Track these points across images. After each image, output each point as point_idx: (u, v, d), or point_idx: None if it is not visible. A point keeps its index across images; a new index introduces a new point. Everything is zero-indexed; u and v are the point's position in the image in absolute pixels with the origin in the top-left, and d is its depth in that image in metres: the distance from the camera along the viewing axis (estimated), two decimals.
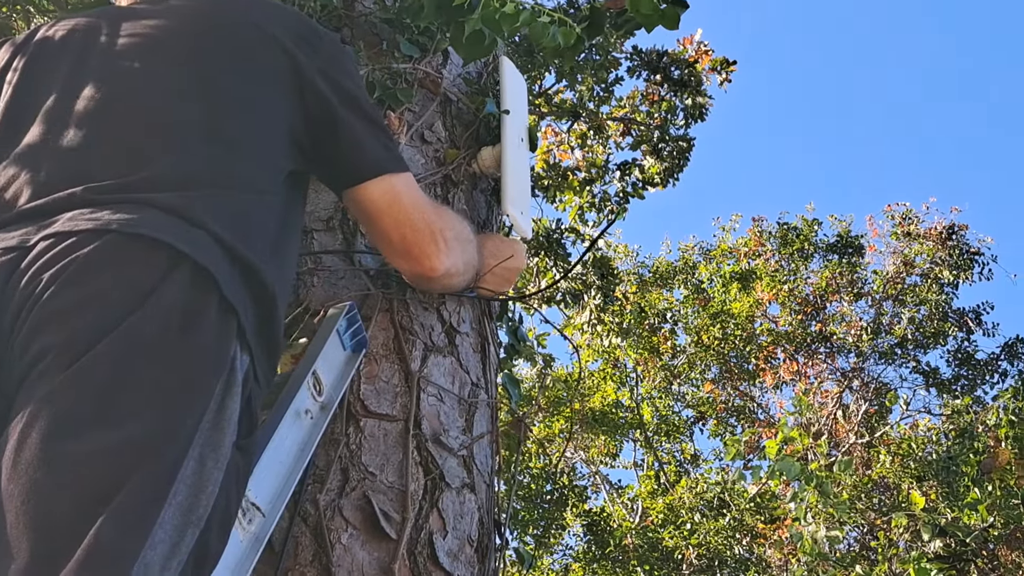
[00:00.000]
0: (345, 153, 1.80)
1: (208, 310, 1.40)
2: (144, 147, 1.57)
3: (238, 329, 1.44)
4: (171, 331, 1.34)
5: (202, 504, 1.32)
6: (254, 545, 1.66)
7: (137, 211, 1.43)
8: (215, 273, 1.42)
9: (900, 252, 16.96)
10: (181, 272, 1.39)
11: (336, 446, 2.05)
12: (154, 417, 1.28)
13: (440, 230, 1.97)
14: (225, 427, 1.38)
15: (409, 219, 1.90)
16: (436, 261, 1.98)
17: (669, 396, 17.48)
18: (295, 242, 1.80)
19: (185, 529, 1.28)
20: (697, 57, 7.53)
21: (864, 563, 11.98)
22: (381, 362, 2.22)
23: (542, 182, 7.30)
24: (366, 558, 1.94)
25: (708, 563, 14.05)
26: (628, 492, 16.93)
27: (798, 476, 9.70)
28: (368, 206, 1.87)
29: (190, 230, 1.45)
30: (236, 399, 1.42)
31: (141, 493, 1.23)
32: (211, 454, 1.34)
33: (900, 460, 14.00)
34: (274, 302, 1.55)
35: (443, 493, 2.12)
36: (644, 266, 17.49)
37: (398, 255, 1.97)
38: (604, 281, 8.46)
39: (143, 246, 1.39)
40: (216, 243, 1.46)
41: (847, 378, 16.71)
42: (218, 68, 1.69)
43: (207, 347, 1.38)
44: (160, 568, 1.24)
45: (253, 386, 1.50)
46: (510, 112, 2.68)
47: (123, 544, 1.19)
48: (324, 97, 1.75)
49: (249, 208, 1.59)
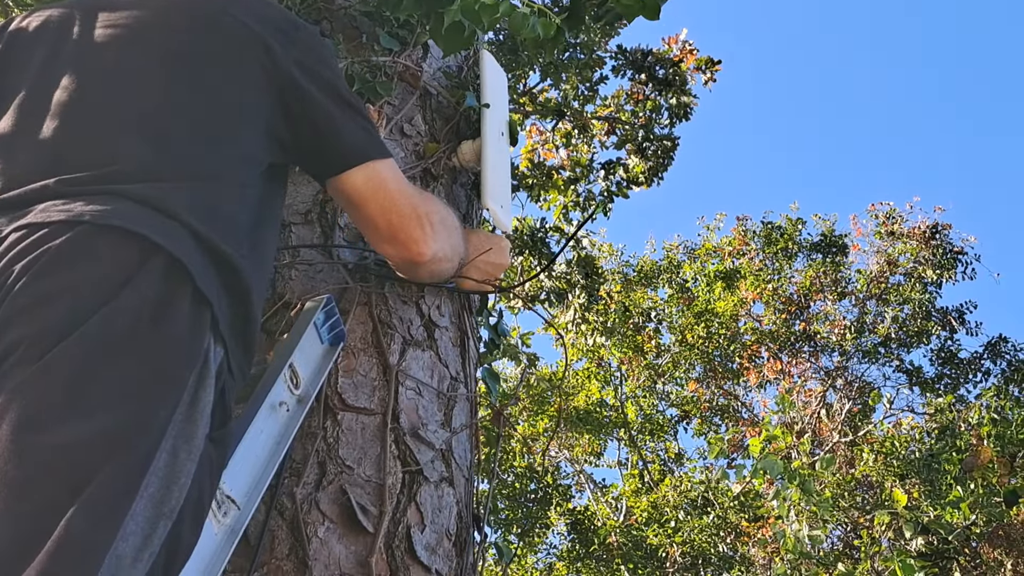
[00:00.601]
0: (327, 142, 1.79)
1: (181, 302, 1.38)
2: (118, 139, 1.55)
3: (212, 321, 1.43)
4: (143, 323, 1.33)
5: (174, 496, 1.31)
6: (229, 537, 1.66)
7: (110, 202, 1.42)
8: (188, 265, 1.40)
9: (884, 251, 17.00)
10: (154, 263, 1.37)
11: (313, 439, 2.04)
12: (126, 409, 1.27)
13: (426, 214, 1.96)
14: (198, 419, 1.37)
15: (395, 204, 1.89)
16: (424, 246, 1.97)
17: (653, 395, 17.50)
18: (273, 235, 1.79)
19: (157, 521, 1.27)
20: (682, 56, 7.53)
21: (847, 561, 12.00)
22: (359, 355, 2.21)
23: (527, 181, 7.30)
24: (343, 551, 1.93)
25: (692, 561, 14.08)
26: (612, 491, 16.95)
27: (781, 474, 9.71)
28: (353, 193, 1.86)
29: (164, 221, 1.43)
30: (209, 391, 1.40)
31: (113, 485, 1.21)
32: (184, 446, 1.33)
33: (883, 459, 14.04)
34: (248, 294, 1.54)
35: (421, 487, 2.12)
36: (628, 265, 17.51)
37: (385, 241, 1.96)
38: (588, 280, 8.47)
39: (116, 237, 1.37)
40: (190, 235, 1.45)
41: (831, 377, 16.74)
42: (194, 61, 1.68)
43: (180, 339, 1.37)
44: (132, 560, 1.23)
45: (227, 378, 1.49)
46: (490, 106, 2.67)
47: (94, 536, 1.18)
48: (303, 88, 1.74)
49: (225, 201, 1.58)
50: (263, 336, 2.14)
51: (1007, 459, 10.41)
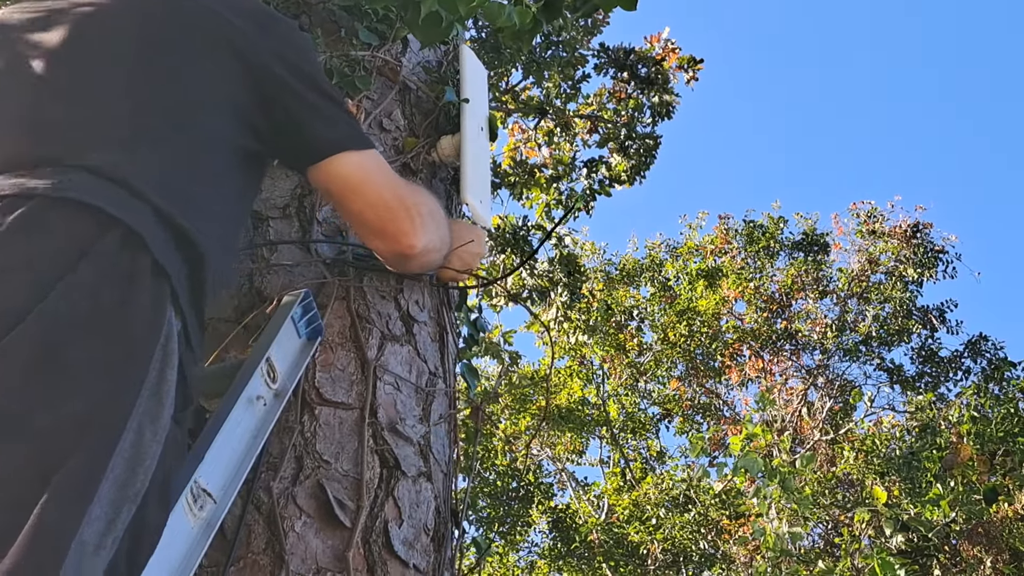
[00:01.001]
0: (306, 132, 1.78)
1: (142, 275, 1.35)
2: (76, 115, 1.53)
3: (171, 294, 1.40)
4: (104, 298, 1.30)
5: (139, 479, 1.28)
6: (205, 531, 1.64)
7: (65, 175, 1.39)
8: (146, 237, 1.37)
9: (865, 250, 17.07)
10: (111, 236, 1.34)
11: (290, 434, 2.03)
12: (91, 391, 1.24)
13: (415, 205, 1.95)
14: (164, 398, 1.34)
15: (383, 197, 1.88)
16: (414, 238, 1.96)
17: (635, 393, 17.53)
18: (241, 222, 1.77)
19: (121, 504, 1.24)
20: (664, 55, 7.53)
21: (828, 559, 12.04)
22: (337, 350, 2.20)
23: (509, 179, 7.29)
24: (320, 546, 1.92)
25: (673, 559, 14.10)
26: (594, 489, 16.97)
27: (762, 471, 9.73)
28: (339, 185, 1.84)
29: (120, 194, 1.40)
30: (174, 368, 1.38)
31: (80, 470, 1.19)
32: (149, 426, 1.30)
33: (863, 456, 14.09)
34: (205, 267, 1.51)
35: (399, 482, 2.11)
36: (611, 263, 17.55)
37: (374, 235, 1.95)
38: (571, 278, 8.47)
39: (71, 210, 1.35)
40: (148, 207, 1.42)
41: (812, 375, 16.80)
42: (164, 46, 1.66)
43: (143, 314, 1.34)
44: (95, 546, 1.20)
45: (185, 352, 1.45)
46: (470, 101, 2.67)
47: (63, 524, 1.16)
48: (281, 79, 1.73)
49: (186, 178, 1.55)
50: (242, 331, 2.13)
51: (987, 457, 10.46)
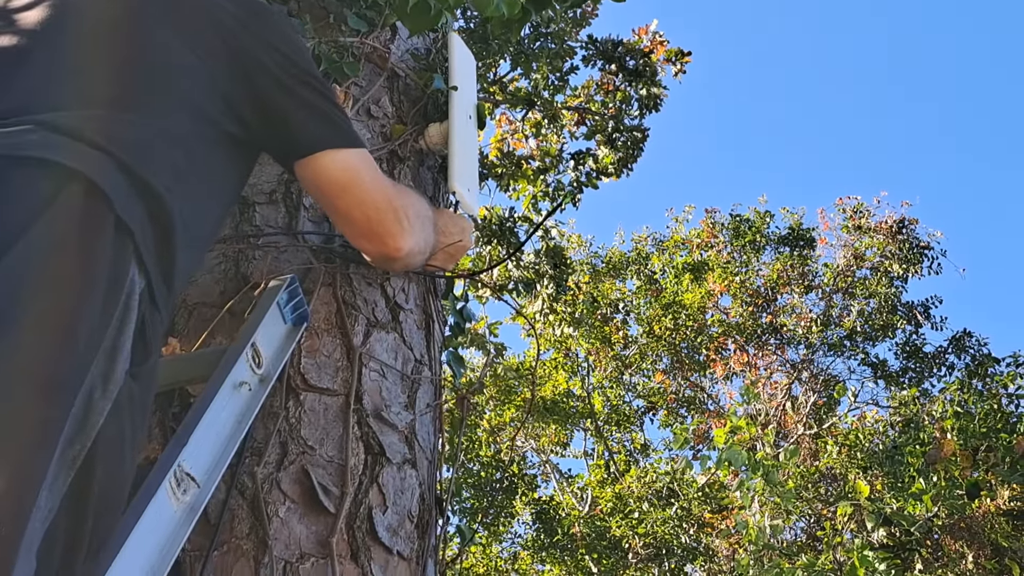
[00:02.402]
0: (296, 126, 1.77)
1: (103, 230, 1.33)
2: (44, 75, 1.51)
3: (134, 249, 1.38)
4: (63, 254, 1.28)
5: (85, 434, 1.26)
6: (188, 515, 1.64)
7: (25, 134, 1.37)
8: (108, 191, 1.35)
9: (851, 245, 17.11)
10: (72, 191, 1.32)
11: (275, 419, 2.03)
12: (49, 345, 1.22)
13: (403, 207, 1.95)
14: (119, 356, 1.32)
15: (371, 199, 1.88)
16: (401, 241, 1.96)
17: (620, 386, 17.56)
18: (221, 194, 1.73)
19: (60, 467, 1.22)
20: (652, 47, 7.52)
21: (810, 553, 12.08)
22: (323, 336, 2.20)
23: (496, 170, 7.29)
24: (304, 531, 1.92)
25: (655, 552, 14.13)
26: (578, 481, 17.00)
27: (745, 464, 9.76)
28: (327, 184, 1.83)
29: (82, 149, 1.38)
30: (131, 324, 1.36)
31: (37, 429, 1.17)
32: (100, 384, 1.28)
33: (847, 451, 14.14)
34: (171, 222, 1.47)
35: (384, 468, 2.11)
36: (597, 256, 17.56)
37: (362, 236, 1.95)
38: (557, 270, 8.47)
39: (31, 168, 1.32)
40: (111, 162, 1.39)
41: (796, 370, 16.85)
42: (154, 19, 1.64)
43: (102, 268, 1.31)
44: (43, 509, 1.18)
45: (148, 308, 1.42)
46: (458, 89, 2.66)
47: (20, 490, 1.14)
48: (271, 71, 1.72)
49: (152, 135, 1.52)
50: (227, 316, 2.13)
51: (970, 452, 10.50)
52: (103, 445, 1.30)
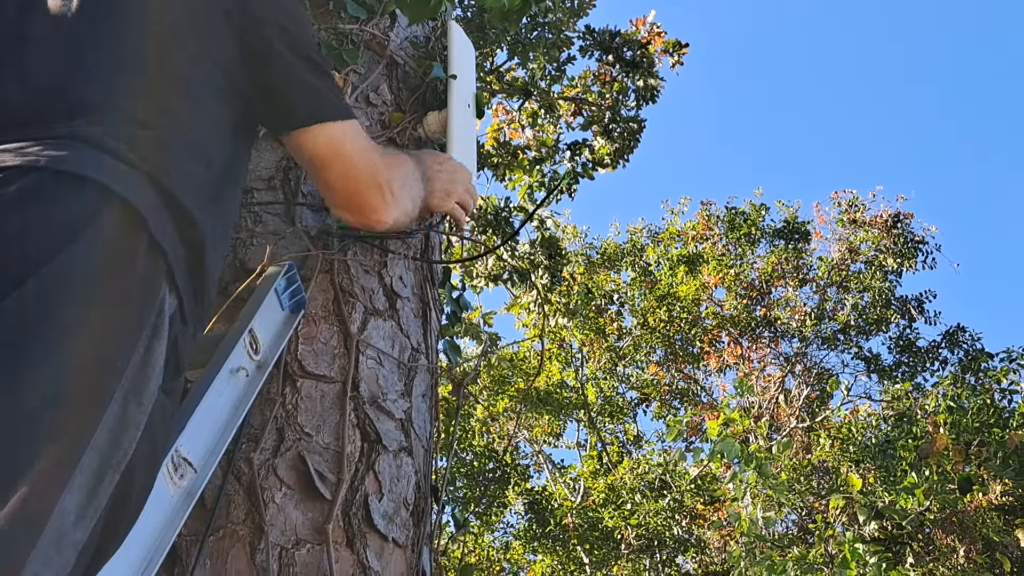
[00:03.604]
0: (290, 99, 1.77)
1: (137, 250, 1.35)
2: (78, 83, 1.51)
3: (167, 270, 1.40)
4: (99, 271, 1.29)
5: (123, 448, 1.28)
6: (185, 500, 1.64)
7: (66, 147, 1.38)
8: (144, 212, 1.37)
9: (845, 239, 17.12)
10: (110, 211, 1.33)
11: (272, 406, 2.03)
12: (80, 359, 1.24)
13: (387, 182, 1.94)
14: (151, 371, 1.34)
15: (354, 172, 1.87)
16: (384, 215, 1.95)
17: (614, 377, 17.56)
18: (235, 193, 1.75)
19: (103, 474, 1.24)
20: (650, 39, 7.52)
21: (802, 546, 12.10)
22: (320, 323, 2.20)
23: (492, 160, 7.28)
24: (300, 518, 1.93)
25: (647, 543, 14.15)
26: (570, 472, 17.01)
27: (738, 457, 9.77)
28: (313, 155, 1.83)
29: (121, 168, 1.40)
30: (163, 342, 1.38)
31: (64, 436, 1.19)
32: (134, 398, 1.30)
33: (839, 444, 14.16)
34: (203, 245, 1.51)
35: (380, 456, 2.11)
36: (592, 247, 17.55)
37: (344, 207, 1.94)
38: (552, 261, 8.46)
39: (71, 184, 1.33)
40: (148, 182, 1.42)
41: (790, 363, 16.86)
42: (158, 10, 1.65)
43: (135, 288, 1.34)
44: (76, 516, 1.20)
45: (179, 328, 1.45)
46: (457, 77, 2.66)
47: (43, 494, 1.15)
48: (274, 46, 1.72)
49: (186, 151, 1.54)
50: (223, 301, 2.13)
51: (962, 447, 10.53)
52: (140, 458, 1.33)
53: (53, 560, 1.17)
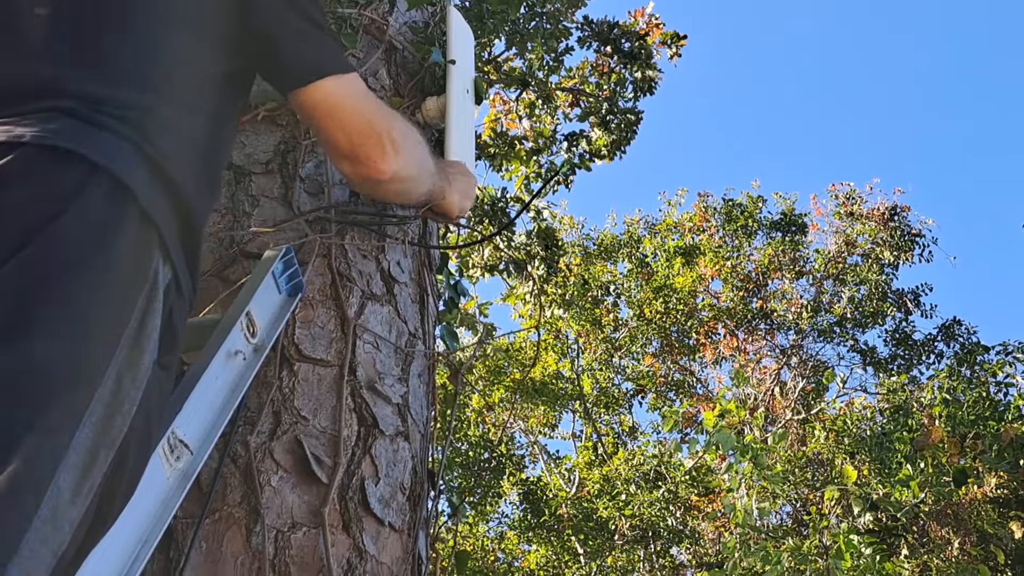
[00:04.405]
0: (292, 56, 1.77)
1: (127, 223, 1.34)
2: (63, 54, 1.49)
3: (159, 241, 1.39)
4: (89, 245, 1.28)
5: (117, 424, 1.27)
6: (181, 482, 1.64)
7: (52, 121, 1.36)
8: (132, 185, 1.36)
9: (842, 232, 17.14)
10: (97, 184, 1.32)
11: (268, 389, 2.03)
12: (72, 334, 1.23)
13: (387, 131, 1.92)
14: (145, 345, 1.33)
15: (353, 121, 1.87)
16: (383, 163, 1.93)
17: (610, 368, 17.57)
18: (225, 154, 1.75)
19: (98, 451, 1.23)
20: (648, 30, 7.52)
21: (797, 538, 12.13)
22: (317, 307, 2.19)
23: (489, 150, 7.27)
24: (296, 501, 1.92)
25: (642, 534, 14.18)
26: (566, 462, 17.03)
27: (734, 447, 9.78)
28: (313, 109, 1.83)
29: (108, 139, 1.39)
30: (158, 315, 1.37)
31: (58, 412, 1.18)
32: (128, 372, 1.29)
33: (834, 436, 14.18)
34: (194, 215, 1.50)
35: (376, 440, 2.11)
36: (589, 238, 17.56)
37: (344, 158, 1.93)
38: (548, 252, 8.46)
39: (57, 159, 1.32)
40: (135, 152, 1.40)
41: (786, 355, 16.89)
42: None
43: (127, 261, 1.33)
44: (72, 493, 1.19)
45: (175, 299, 1.44)
46: (456, 63, 2.65)
47: (36, 471, 1.14)
48: (271, 5, 1.71)
49: (174, 118, 1.53)
50: (220, 284, 2.12)
51: (957, 439, 10.55)
52: (134, 434, 1.32)
53: (50, 539, 1.16)
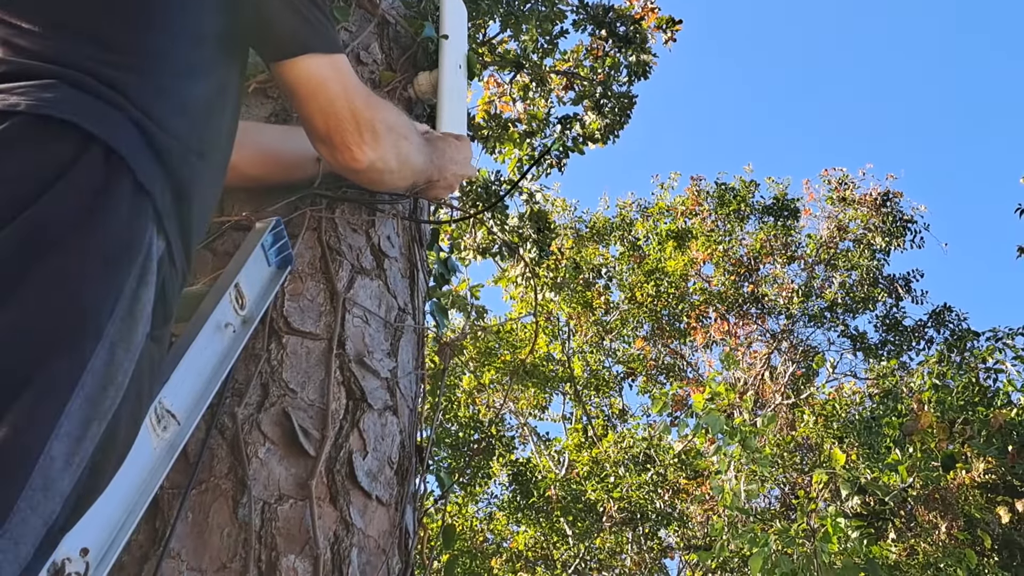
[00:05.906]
0: (279, 28, 1.75)
1: (121, 193, 1.33)
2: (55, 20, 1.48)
3: (153, 212, 1.38)
4: (82, 215, 1.27)
5: (110, 396, 1.26)
6: (168, 452, 1.63)
7: (47, 90, 1.35)
8: (126, 155, 1.34)
9: (835, 217, 17.16)
10: (91, 154, 1.31)
11: (257, 361, 2.02)
12: (64, 304, 1.22)
13: (369, 120, 1.91)
14: (139, 316, 1.32)
15: (334, 105, 1.85)
16: (359, 152, 1.92)
17: (600, 351, 17.60)
18: (226, 122, 1.72)
19: (91, 421, 1.23)
20: (643, 14, 7.52)
21: (784, 521, 12.16)
22: (306, 280, 2.18)
23: (482, 133, 7.27)
24: (283, 473, 1.92)
25: (630, 516, 14.22)
26: (555, 444, 17.07)
27: (723, 429, 9.80)
28: (295, 87, 1.81)
29: (103, 108, 1.37)
30: (151, 287, 1.36)
31: (48, 383, 1.18)
32: (121, 343, 1.28)
33: (823, 421, 14.23)
34: (190, 184, 1.49)
35: (364, 414, 2.10)
36: (581, 221, 17.56)
37: (320, 141, 1.92)
38: (540, 235, 8.47)
39: (51, 128, 1.31)
40: (131, 122, 1.39)
41: (776, 340, 16.91)
42: None
43: (120, 231, 1.31)
44: (64, 462, 1.18)
45: (168, 271, 1.43)
46: (449, 37, 2.65)
47: (28, 438, 1.14)
48: None
49: (170, 84, 1.51)
50: (210, 256, 2.12)
51: (946, 425, 10.58)
52: (126, 405, 1.31)
53: (41, 506, 1.16)
